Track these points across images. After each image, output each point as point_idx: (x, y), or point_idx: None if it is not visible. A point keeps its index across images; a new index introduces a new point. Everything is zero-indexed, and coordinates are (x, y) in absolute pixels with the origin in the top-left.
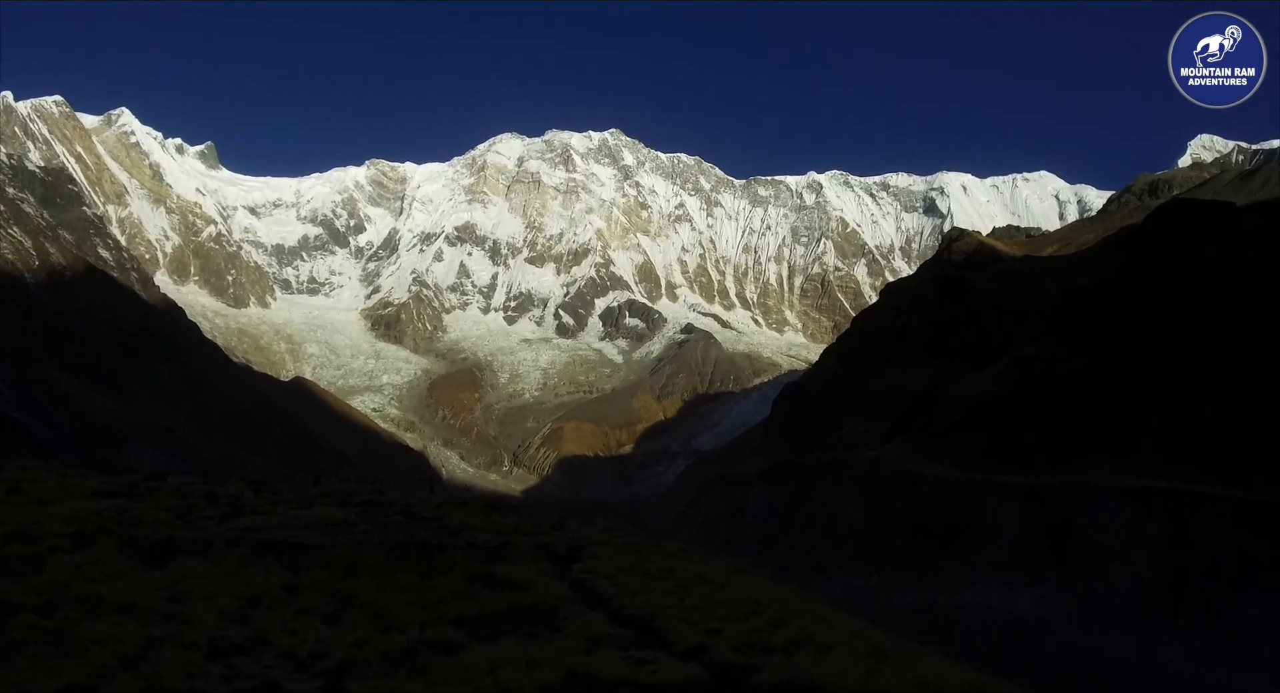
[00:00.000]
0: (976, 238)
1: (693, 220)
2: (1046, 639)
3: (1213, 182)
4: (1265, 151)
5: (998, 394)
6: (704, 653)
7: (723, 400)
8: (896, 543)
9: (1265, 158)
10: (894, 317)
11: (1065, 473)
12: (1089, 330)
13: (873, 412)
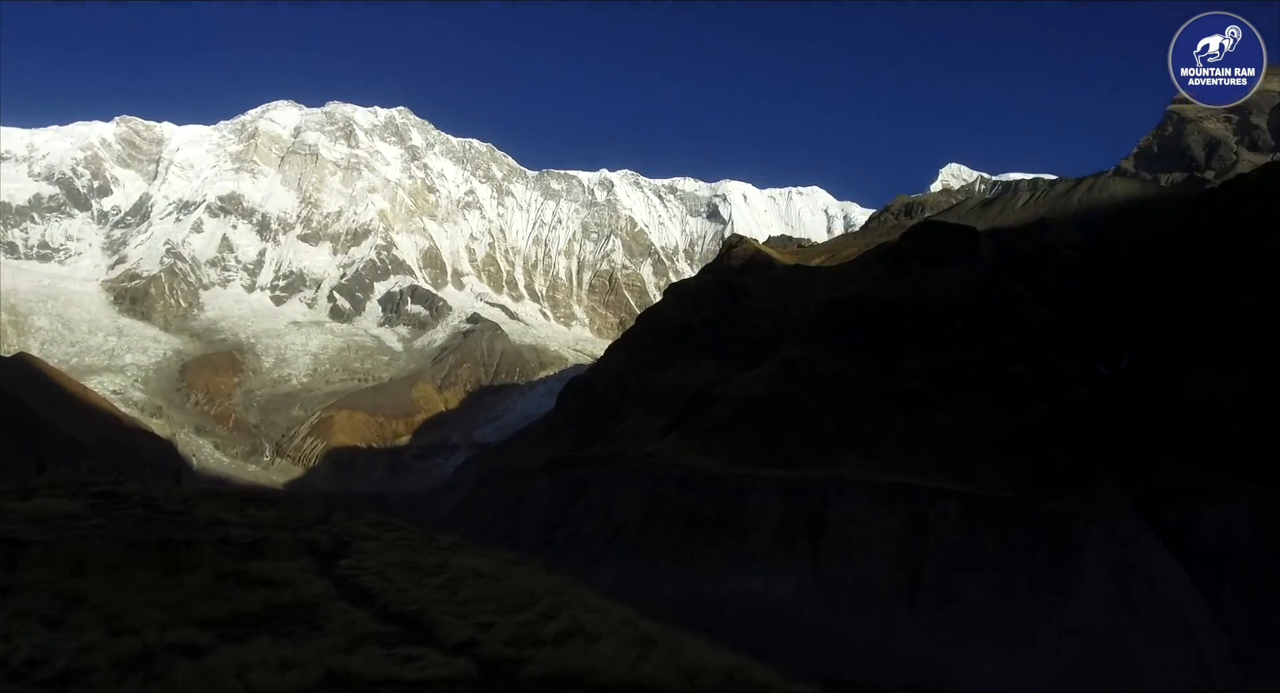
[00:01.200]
0: (754, 245)
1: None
2: (802, 622)
3: (958, 207)
4: (1003, 183)
5: (766, 393)
6: (474, 647)
7: (507, 393)
8: (670, 534)
9: (1003, 188)
10: (676, 316)
11: (822, 467)
12: (848, 336)
13: (653, 407)
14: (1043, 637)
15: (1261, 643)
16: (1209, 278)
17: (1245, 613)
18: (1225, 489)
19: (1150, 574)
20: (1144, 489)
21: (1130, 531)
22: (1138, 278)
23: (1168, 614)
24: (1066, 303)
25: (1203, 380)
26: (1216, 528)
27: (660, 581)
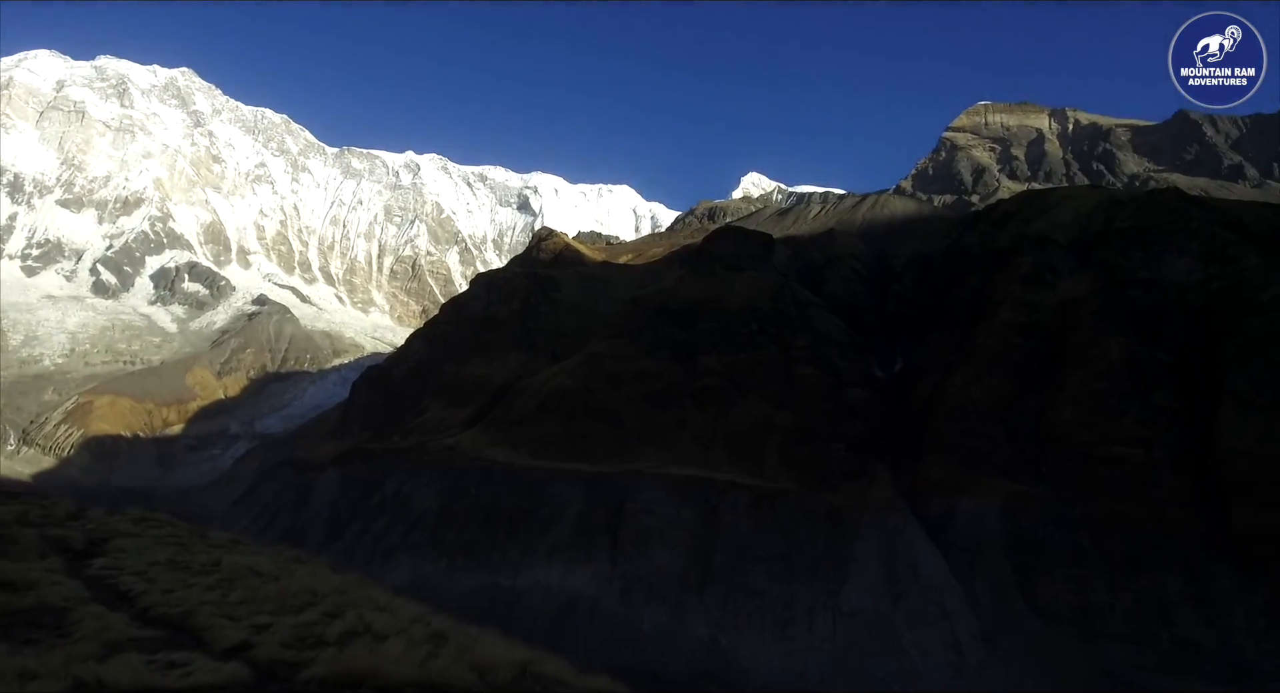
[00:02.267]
0: (563, 239)
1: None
2: (597, 614)
3: (757, 214)
4: (799, 194)
5: (571, 387)
6: (247, 651)
7: (296, 381)
8: (468, 528)
9: (798, 199)
10: (483, 307)
11: (623, 461)
12: (652, 334)
13: (455, 399)
14: (820, 620)
15: (1006, 624)
16: (971, 292)
17: (993, 597)
18: (979, 484)
19: (914, 562)
20: (911, 483)
21: (898, 522)
22: (912, 289)
23: (928, 598)
24: (850, 309)
25: (963, 385)
26: (970, 519)
27: (456, 576)
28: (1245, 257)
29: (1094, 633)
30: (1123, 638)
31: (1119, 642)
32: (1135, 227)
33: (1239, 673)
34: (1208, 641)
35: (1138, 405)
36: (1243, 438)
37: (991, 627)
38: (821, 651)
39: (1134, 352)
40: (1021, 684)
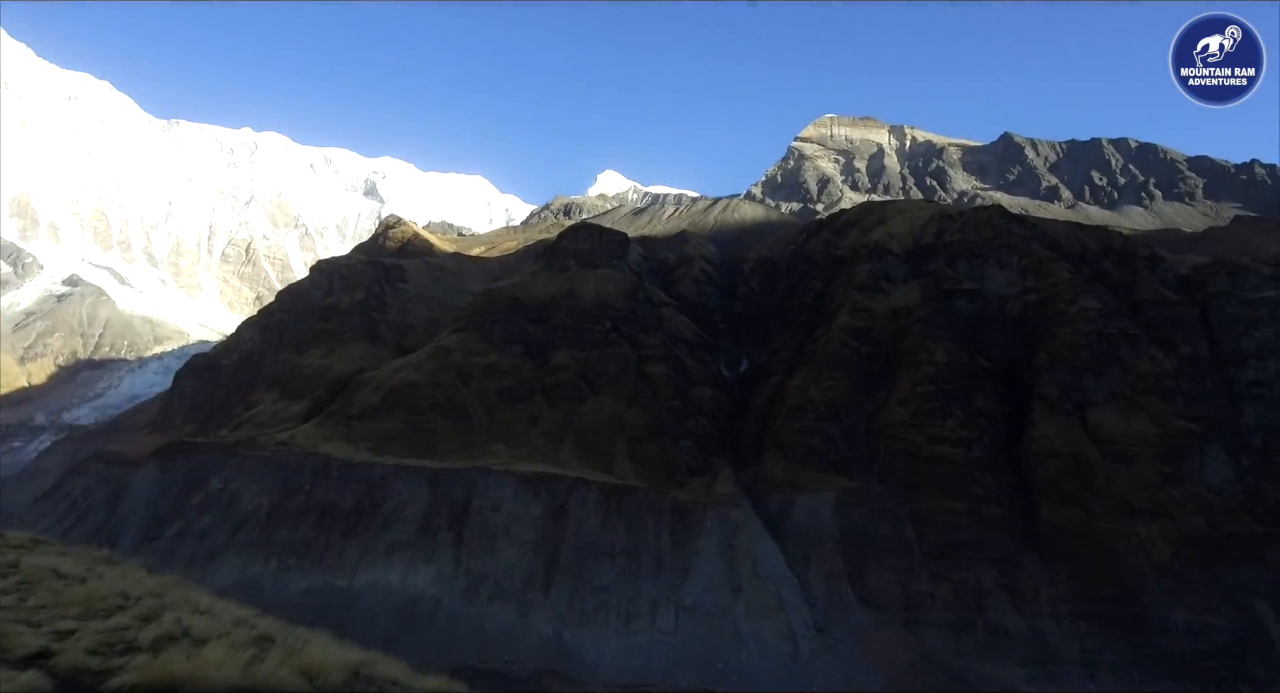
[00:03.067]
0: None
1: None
2: (439, 613)
3: (613, 212)
4: (654, 194)
5: (417, 381)
6: (48, 659)
7: (111, 369)
8: (301, 527)
9: (653, 199)
10: (323, 295)
11: (471, 457)
12: (504, 328)
13: (290, 391)
14: (663, 614)
15: (837, 614)
16: (814, 296)
17: (826, 588)
18: (816, 480)
19: (754, 556)
20: (753, 480)
21: (740, 517)
22: (759, 292)
23: (766, 591)
24: (700, 310)
25: (803, 386)
26: (807, 514)
27: (289, 577)
28: (1058, 272)
29: (916, 621)
30: (942, 625)
31: (939, 629)
32: (962, 240)
33: (1044, 657)
34: (1017, 627)
35: (960, 408)
36: (1050, 439)
37: (824, 617)
38: (664, 644)
39: (958, 357)
40: (850, 672)
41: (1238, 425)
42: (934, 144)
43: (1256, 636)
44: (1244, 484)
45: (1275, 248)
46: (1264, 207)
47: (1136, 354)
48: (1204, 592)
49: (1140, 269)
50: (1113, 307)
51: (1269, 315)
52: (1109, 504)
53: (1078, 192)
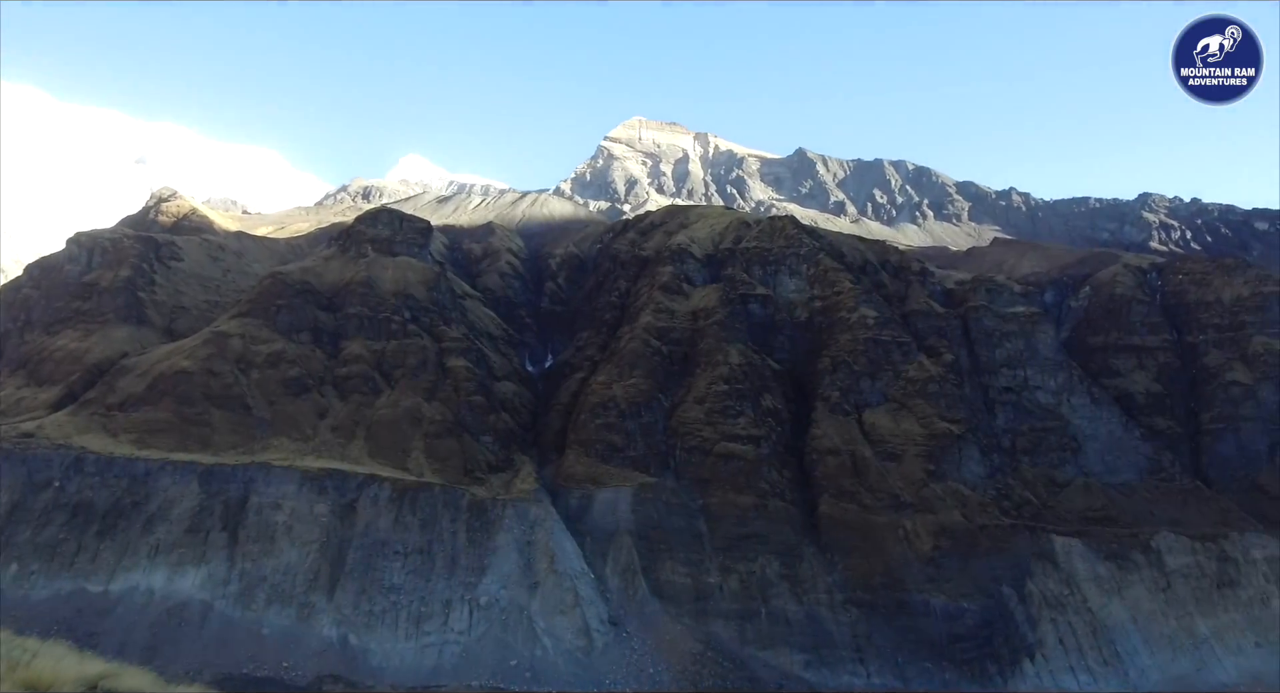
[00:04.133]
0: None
1: None
2: (209, 619)
3: (416, 198)
4: (460, 183)
5: (189, 369)
6: None
7: None
8: (48, 528)
9: (459, 188)
10: (81, 271)
11: (250, 452)
12: (292, 315)
13: (37, 377)
14: (457, 614)
15: (631, 607)
16: (619, 295)
17: (621, 582)
18: (615, 476)
19: (551, 552)
20: (554, 475)
21: (539, 513)
22: (565, 288)
23: (562, 586)
24: (505, 304)
25: (606, 383)
26: (605, 509)
27: (31, 583)
28: (841, 281)
29: (706, 612)
30: (729, 616)
31: (725, 619)
32: (758, 247)
33: (820, 642)
34: (797, 615)
35: (751, 407)
36: (830, 438)
37: (619, 610)
38: (457, 644)
39: (751, 359)
40: (641, 663)
41: (991, 427)
42: (735, 154)
43: (1001, 617)
44: (995, 481)
45: (1026, 268)
46: (1018, 230)
47: (907, 361)
48: (959, 579)
49: (912, 282)
50: (888, 316)
51: (1019, 329)
52: (880, 499)
53: (862, 207)
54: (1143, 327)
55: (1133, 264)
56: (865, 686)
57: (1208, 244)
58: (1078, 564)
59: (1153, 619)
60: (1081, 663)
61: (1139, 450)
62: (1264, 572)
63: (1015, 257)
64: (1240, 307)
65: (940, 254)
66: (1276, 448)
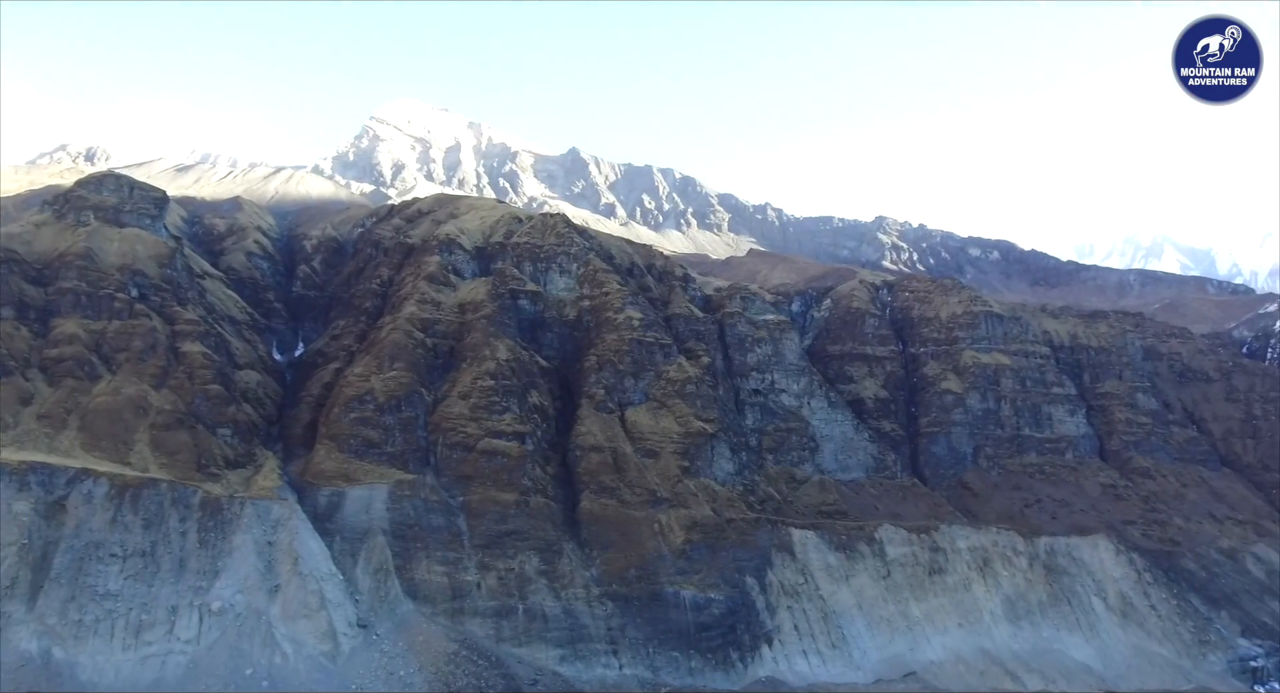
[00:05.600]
0: None
1: None
2: None
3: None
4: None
5: None
6: None
7: None
8: None
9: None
10: None
11: None
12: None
13: None
14: (184, 621)
15: (383, 609)
16: (381, 283)
17: (373, 583)
18: (370, 473)
19: (296, 553)
20: (301, 472)
21: (283, 512)
22: (321, 273)
23: (307, 589)
24: (252, 286)
25: (363, 375)
26: (358, 507)
27: None
28: (610, 282)
29: (462, 611)
30: (486, 614)
31: (482, 617)
32: (530, 243)
33: (575, 637)
34: (554, 611)
35: (518, 403)
36: (594, 435)
37: (370, 613)
38: (183, 654)
39: (519, 355)
40: (392, 666)
41: (740, 427)
42: (509, 147)
43: (745, 606)
44: (742, 477)
45: (777, 279)
46: (772, 243)
47: (668, 362)
48: (708, 571)
49: (675, 287)
50: (652, 318)
51: (768, 336)
52: (638, 494)
53: (631, 211)
54: (874, 338)
55: (868, 281)
56: (617, 678)
57: (930, 265)
58: (812, 555)
59: (874, 604)
60: (813, 647)
61: (867, 450)
62: (967, 560)
63: (768, 268)
64: (955, 323)
65: (701, 261)
66: (980, 450)
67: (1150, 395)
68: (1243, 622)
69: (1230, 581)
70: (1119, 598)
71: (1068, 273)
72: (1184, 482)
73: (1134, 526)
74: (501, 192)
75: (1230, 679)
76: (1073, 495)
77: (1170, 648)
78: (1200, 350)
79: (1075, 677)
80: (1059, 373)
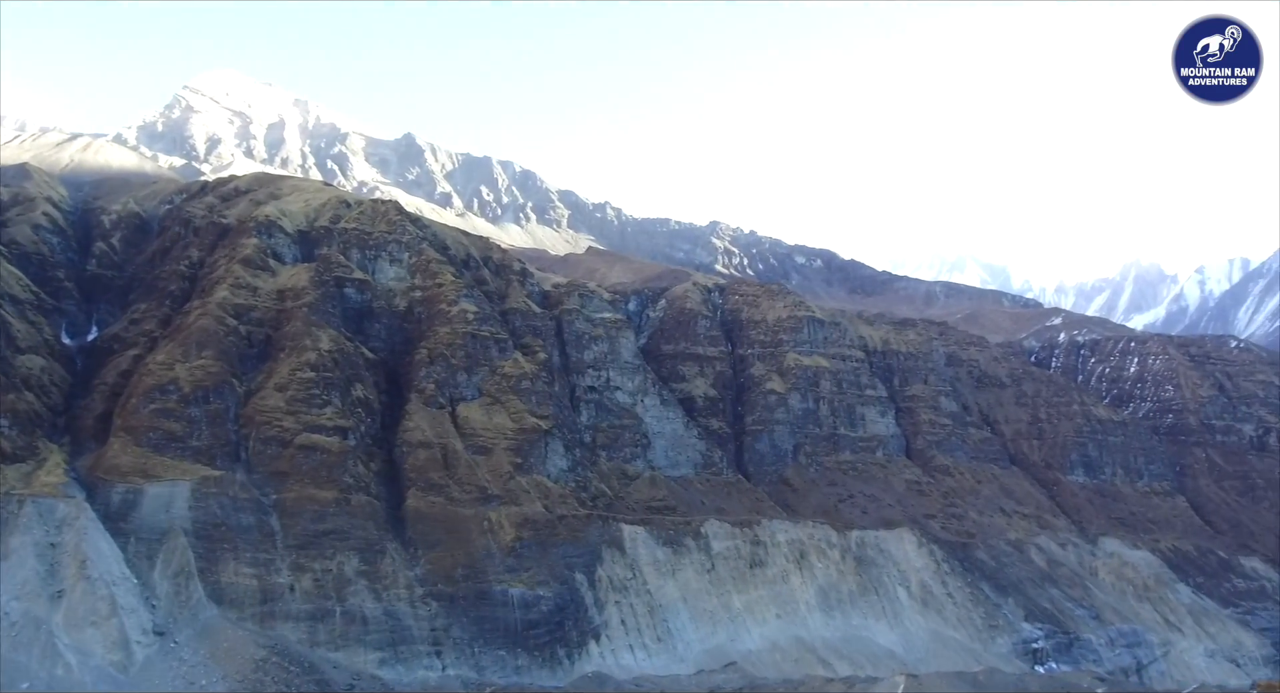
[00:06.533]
0: None
1: None
2: None
3: None
4: None
5: None
6: None
7: None
8: None
9: None
10: None
11: None
12: None
13: None
14: None
15: (183, 615)
16: (189, 265)
17: (172, 587)
18: (171, 469)
19: (83, 554)
20: (91, 468)
21: (69, 511)
22: (120, 251)
23: (95, 594)
24: (39, 263)
25: (167, 363)
26: (157, 506)
27: None
28: (444, 274)
29: (273, 615)
30: (299, 617)
31: (295, 621)
32: (359, 230)
33: (397, 639)
34: (374, 613)
35: (340, 397)
36: (422, 431)
37: (168, 619)
38: None
39: (343, 346)
40: (192, 675)
41: (575, 423)
42: (339, 128)
43: (573, 603)
44: (575, 474)
45: (615, 277)
46: (610, 241)
47: (503, 357)
48: (537, 568)
49: (513, 281)
50: (488, 312)
51: (605, 333)
52: (468, 492)
53: (468, 202)
54: (705, 339)
55: (701, 283)
56: (440, 679)
57: (760, 270)
58: (641, 550)
59: (699, 597)
60: (639, 641)
61: (695, 447)
62: (785, 553)
63: (606, 266)
64: (780, 327)
65: (540, 257)
66: (799, 448)
67: (951, 399)
68: (1026, 607)
69: (1016, 570)
70: (920, 587)
71: (882, 282)
72: (978, 479)
73: (935, 519)
74: (330, 174)
75: (1015, 660)
76: (881, 491)
77: (964, 633)
78: (995, 358)
79: (881, 662)
80: (872, 376)
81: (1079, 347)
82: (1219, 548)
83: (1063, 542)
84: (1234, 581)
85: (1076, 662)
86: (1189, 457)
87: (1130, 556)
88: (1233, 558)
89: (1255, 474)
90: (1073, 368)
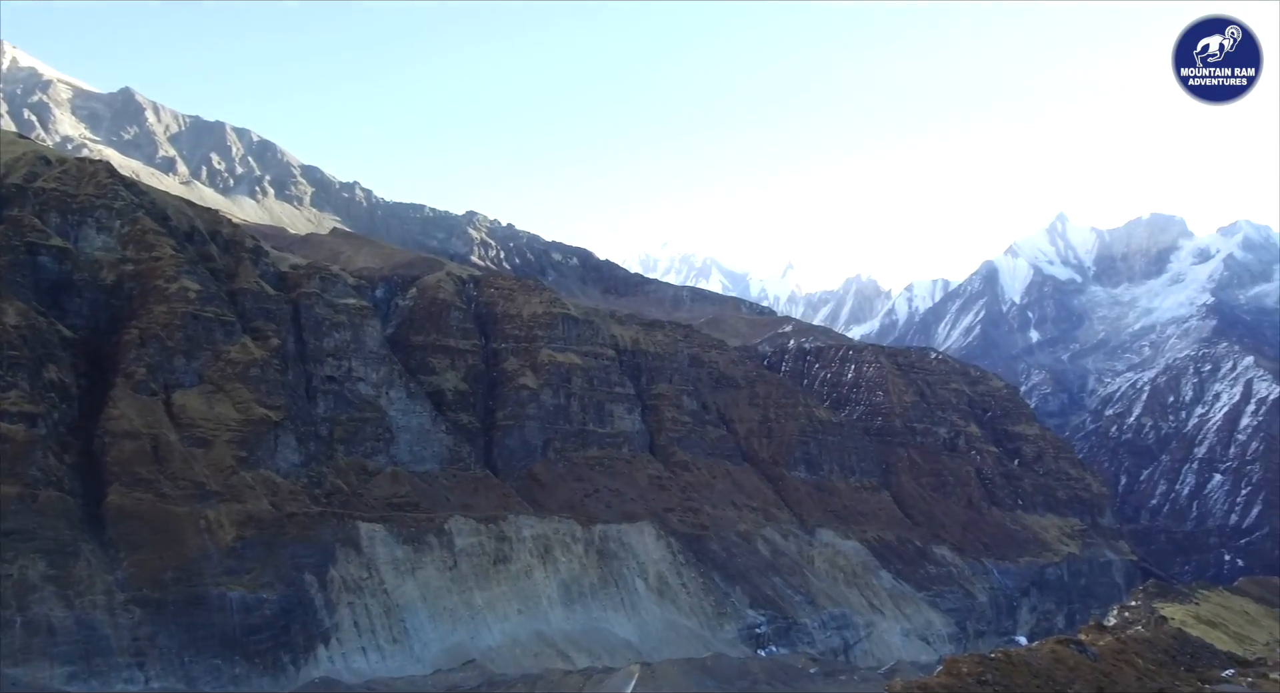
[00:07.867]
0: None
1: None
2: None
3: None
4: None
5: None
6: None
7: None
8: None
9: None
10: None
11: None
12: None
13: None
14: None
15: None
16: None
17: None
18: None
19: None
20: None
21: None
22: None
23: None
24: None
25: None
26: None
27: None
28: (162, 246)
29: None
30: None
31: None
32: (60, 191)
33: (91, 651)
34: (65, 622)
35: (29, 379)
36: (129, 420)
37: None
38: None
39: (35, 321)
40: None
41: (311, 415)
42: (40, 74)
43: (301, 605)
44: (309, 469)
45: (361, 262)
46: (358, 224)
47: (230, 341)
48: (261, 569)
49: (244, 259)
50: (213, 291)
51: (348, 321)
52: (182, 488)
53: (195, 170)
54: (458, 331)
55: (455, 273)
56: (143, 691)
57: (516, 265)
58: (379, 549)
59: (439, 596)
60: (373, 643)
61: (443, 442)
62: (530, 548)
63: (352, 250)
64: (535, 322)
65: (278, 235)
66: (549, 443)
67: (693, 398)
68: (752, 595)
69: (744, 559)
70: (657, 578)
71: (634, 284)
72: (714, 474)
73: (673, 513)
74: (26, 126)
75: (740, 645)
76: (626, 486)
77: (695, 620)
78: (733, 361)
79: (618, 652)
80: (621, 374)
81: (805, 353)
82: (915, 538)
83: (785, 533)
84: (927, 567)
85: (794, 644)
86: (893, 456)
87: (842, 545)
88: (926, 547)
89: (947, 472)
90: (799, 372)
